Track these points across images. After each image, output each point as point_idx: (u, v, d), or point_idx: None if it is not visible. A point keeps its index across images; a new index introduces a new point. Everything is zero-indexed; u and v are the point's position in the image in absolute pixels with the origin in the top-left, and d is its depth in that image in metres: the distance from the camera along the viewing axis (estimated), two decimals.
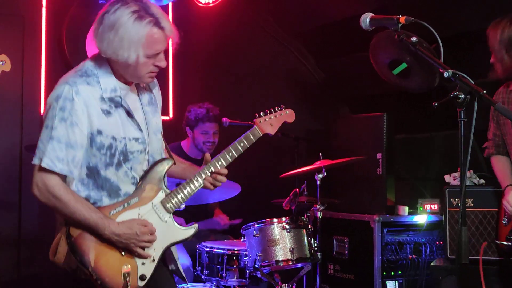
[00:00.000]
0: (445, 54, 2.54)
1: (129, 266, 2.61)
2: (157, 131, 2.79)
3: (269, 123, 3.06)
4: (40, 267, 4.86)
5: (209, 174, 2.83)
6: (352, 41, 5.05)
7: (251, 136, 2.98)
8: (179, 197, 2.76)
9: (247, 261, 4.05)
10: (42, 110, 4.96)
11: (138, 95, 2.76)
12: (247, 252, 4.07)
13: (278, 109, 3.13)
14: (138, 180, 2.70)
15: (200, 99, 4.98)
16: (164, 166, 2.76)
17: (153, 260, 2.68)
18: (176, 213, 2.82)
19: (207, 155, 2.88)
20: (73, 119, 2.52)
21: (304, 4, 5.50)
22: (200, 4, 5.51)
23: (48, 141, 2.52)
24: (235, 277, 4.17)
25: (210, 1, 5.50)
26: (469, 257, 2.35)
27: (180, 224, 2.79)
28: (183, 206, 2.91)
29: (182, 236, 2.78)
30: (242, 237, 4.14)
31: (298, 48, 5.98)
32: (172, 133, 4.90)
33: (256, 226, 4.02)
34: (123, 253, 2.63)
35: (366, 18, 2.65)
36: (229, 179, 4.17)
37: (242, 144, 2.93)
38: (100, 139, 2.58)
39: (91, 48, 2.61)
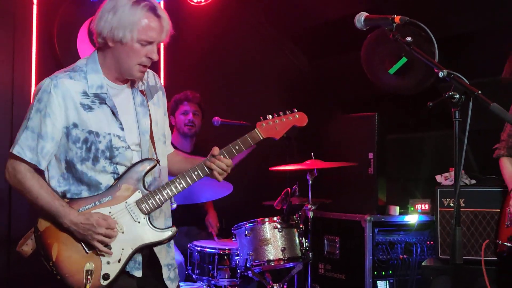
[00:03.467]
0: (439, 55, 2.54)
1: (93, 264, 2.57)
2: (145, 132, 2.75)
3: (274, 126, 2.79)
4: (31, 267, 4.81)
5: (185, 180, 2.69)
6: (344, 41, 5.06)
7: (249, 139, 2.74)
8: (156, 198, 2.66)
9: (238, 261, 4.04)
10: None
11: (132, 94, 2.76)
12: (238, 252, 4.07)
13: (288, 112, 2.86)
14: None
15: None
16: (145, 166, 2.68)
17: (119, 260, 2.60)
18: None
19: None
20: (47, 111, 2.59)
21: (296, 4, 5.49)
22: (192, 3, 5.48)
23: (23, 131, 2.63)
24: (226, 277, 4.17)
25: (202, 0, 5.47)
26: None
27: (158, 227, 2.68)
28: (174, 205, 2.87)
29: (155, 238, 2.66)
30: (234, 237, 4.14)
31: (291, 48, 5.97)
32: None
33: (247, 225, 4.02)
34: (87, 251, 2.59)
35: (360, 18, 2.63)
36: None
37: (237, 147, 2.71)
38: (76, 132, 2.61)
39: (83, 46, 2.63)
